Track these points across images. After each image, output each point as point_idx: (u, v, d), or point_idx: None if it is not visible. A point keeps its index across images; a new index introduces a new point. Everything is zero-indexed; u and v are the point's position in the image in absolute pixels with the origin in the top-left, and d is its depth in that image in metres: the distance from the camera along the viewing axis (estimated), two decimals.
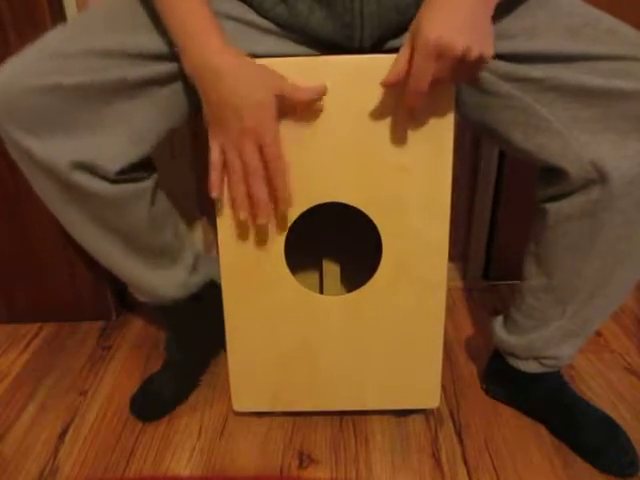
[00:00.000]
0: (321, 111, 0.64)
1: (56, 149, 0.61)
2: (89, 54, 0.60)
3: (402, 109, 0.64)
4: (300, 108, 0.63)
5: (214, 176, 0.64)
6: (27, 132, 0.61)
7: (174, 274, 0.81)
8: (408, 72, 0.57)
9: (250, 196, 0.64)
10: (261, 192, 0.63)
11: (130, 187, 0.68)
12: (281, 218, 0.69)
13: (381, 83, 0.59)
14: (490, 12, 0.55)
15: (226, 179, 0.65)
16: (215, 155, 0.63)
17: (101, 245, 0.72)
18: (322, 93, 0.63)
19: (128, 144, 0.65)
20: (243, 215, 0.65)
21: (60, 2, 0.91)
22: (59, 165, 0.62)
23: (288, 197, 0.65)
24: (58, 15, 0.90)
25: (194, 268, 0.83)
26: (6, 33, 0.86)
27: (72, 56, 0.60)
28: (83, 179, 0.63)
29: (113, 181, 0.65)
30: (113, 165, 0.64)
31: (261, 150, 0.61)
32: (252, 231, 0.70)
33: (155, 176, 0.72)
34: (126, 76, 0.61)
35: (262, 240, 0.70)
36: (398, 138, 0.65)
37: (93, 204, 0.67)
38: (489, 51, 0.54)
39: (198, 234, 1.17)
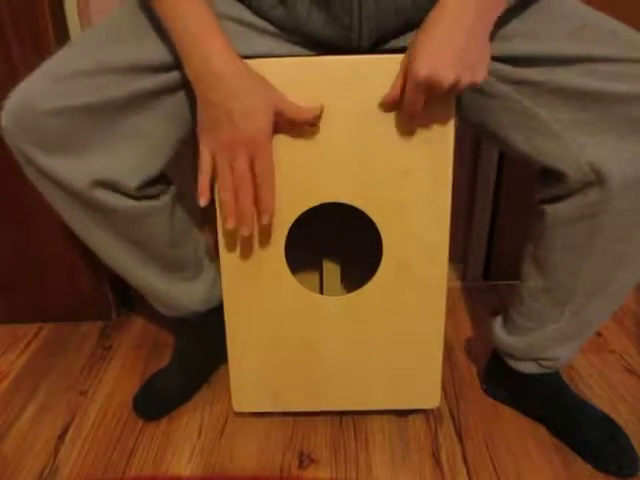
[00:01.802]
0: (317, 131, 0.64)
1: (75, 169, 0.62)
2: (97, 72, 0.60)
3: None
4: (297, 127, 0.64)
5: (203, 181, 0.62)
6: (45, 153, 0.61)
7: (196, 288, 0.81)
8: (402, 95, 0.60)
9: (236, 204, 0.63)
10: (247, 203, 0.62)
11: (149, 203, 0.68)
12: (281, 218, 0.69)
13: (379, 104, 0.63)
14: (489, 28, 0.57)
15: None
16: (205, 160, 0.61)
17: (124, 259, 0.73)
18: (320, 115, 0.63)
19: (145, 157, 0.65)
20: (230, 224, 0.64)
21: (61, 3, 0.91)
22: (80, 184, 0.62)
23: (272, 211, 0.65)
24: (58, 16, 0.90)
25: (215, 281, 0.84)
26: (6, 34, 0.86)
27: (80, 76, 0.60)
28: (104, 196, 0.64)
29: (134, 197, 0.66)
30: (133, 180, 0.64)
31: (252, 161, 0.60)
32: (252, 231, 0.70)
33: (173, 190, 0.73)
34: (135, 90, 0.61)
35: (262, 240, 0.70)
36: (398, 139, 0.65)
37: (115, 220, 0.67)
38: (480, 77, 0.57)
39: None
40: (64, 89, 0.60)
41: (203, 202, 0.62)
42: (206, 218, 1.15)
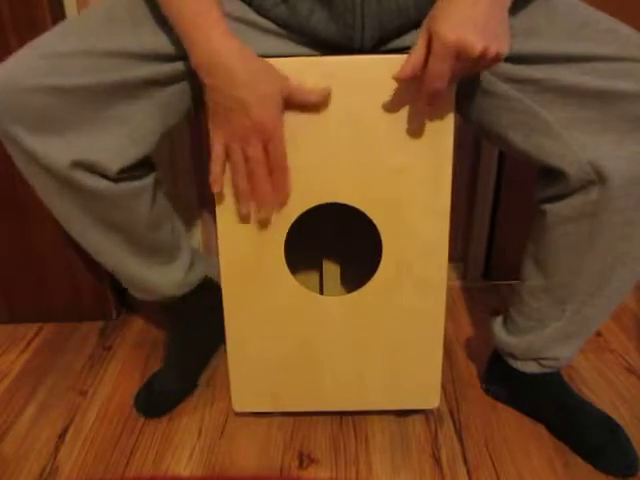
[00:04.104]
0: (324, 112, 0.64)
1: (56, 148, 0.61)
2: (90, 55, 0.60)
3: (404, 108, 0.64)
4: (306, 109, 0.63)
5: (216, 170, 0.64)
6: (27, 131, 0.61)
7: (171, 271, 0.81)
8: (422, 68, 0.56)
9: (253, 190, 0.65)
10: (265, 185, 0.64)
11: (131, 185, 0.68)
12: (281, 218, 0.69)
13: (394, 76, 0.58)
14: (507, 6, 0.54)
15: (227, 175, 0.65)
16: (218, 149, 0.63)
17: (100, 242, 0.72)
18: (328, 96, 0.63)
19: (128, 144, 0.65)
20: (245, 209, 0.66)
21: (61, 3, 0.91)
22: (59, 164, 0.62)
23: (288, 193, 0.67)
24: (59, 16, 0.90)
25: (191, 266, 0.84)
26: (6, 34, 0.86)
27: (72, 56, 0.60)
28: (83, 178, 0.63)
29: (114, 179, 0.65)
30: (113, 164, 0.64)
31: (265, 145, 0.61)
32: (252, 231, 0.70)
33: (155, 174, 0.72)
34: (127, 77, 0.61)
35: (262, 240, 0.70)
36: (398, 138, 0.65)
37: (94, 202, 0.67)
38: (505, 49, 0.54)
39: (198, 235, 1.17)
40: (55, 67, 0.59)
41: (216, 189, 0.65)
42: (204, 215, 1.15)
